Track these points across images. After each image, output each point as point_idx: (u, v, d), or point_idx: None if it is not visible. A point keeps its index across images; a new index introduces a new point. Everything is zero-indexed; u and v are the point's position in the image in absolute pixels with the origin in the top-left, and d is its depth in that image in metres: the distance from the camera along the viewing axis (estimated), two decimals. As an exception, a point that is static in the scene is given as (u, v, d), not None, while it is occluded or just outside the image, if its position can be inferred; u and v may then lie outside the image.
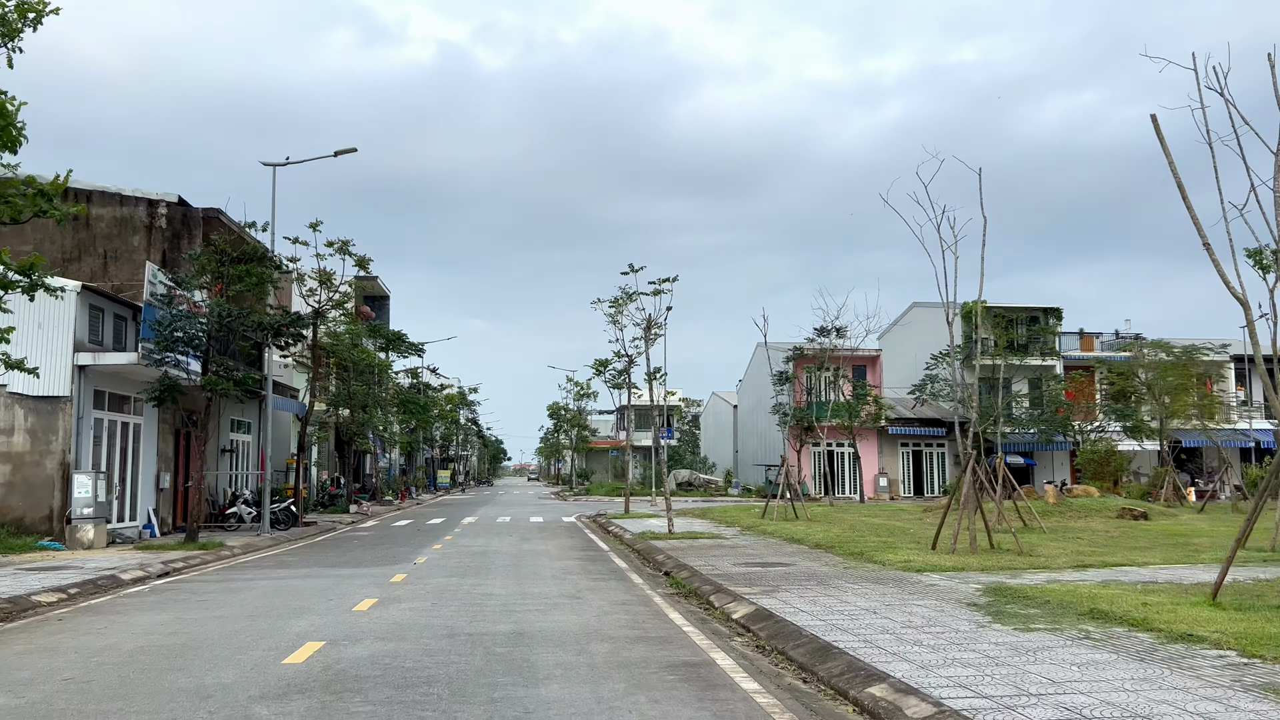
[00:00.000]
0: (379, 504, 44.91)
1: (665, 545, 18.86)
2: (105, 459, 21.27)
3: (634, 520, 28.08)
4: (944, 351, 52.61)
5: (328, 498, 39.35)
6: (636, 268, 22.04)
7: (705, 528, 24.04)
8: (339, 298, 28.92)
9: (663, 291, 21.63)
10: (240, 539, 22.74)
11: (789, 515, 26.94)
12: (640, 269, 22.00)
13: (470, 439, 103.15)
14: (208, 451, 27.77)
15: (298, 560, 17.92)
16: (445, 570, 15.44)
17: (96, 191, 24.60)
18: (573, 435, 70.76)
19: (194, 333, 19.58)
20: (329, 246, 28.21)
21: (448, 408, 72.04)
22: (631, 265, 21.98)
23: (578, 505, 45.21)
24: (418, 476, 61.45)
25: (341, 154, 25.61)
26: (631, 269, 22.00)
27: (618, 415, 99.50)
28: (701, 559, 15.88)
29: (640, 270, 21.99)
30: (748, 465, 61.86)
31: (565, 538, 23.47)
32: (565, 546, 20.69)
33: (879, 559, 14.92)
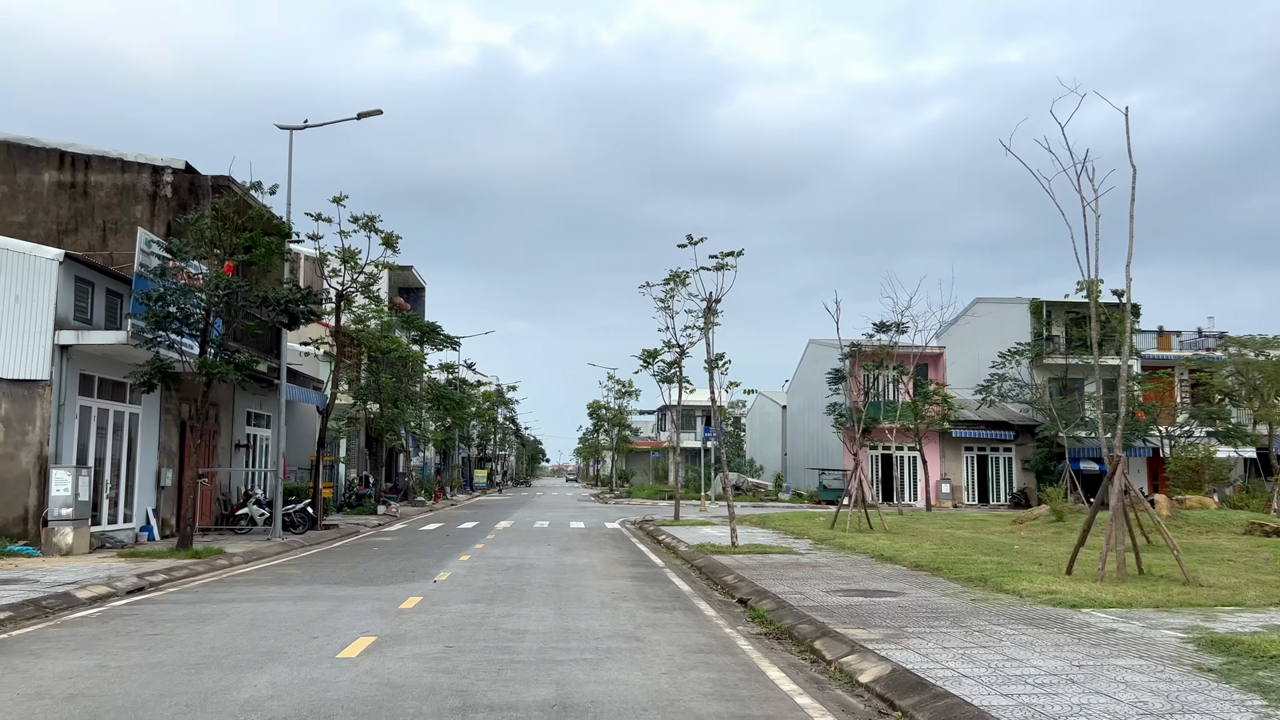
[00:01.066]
0: (410, 505, 42.43)
1: (731, 562, 15.95)
2: (94, 452, 18.81)
3: (686, 528, 25.18)
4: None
5: (355, 498, 36.90)
6: (695, 239, 19.15)
7: (770, 539, 21.07)
8: (365, 279, 26.34)
9: (726, 266, 18.72)
10: (246, 544, 20.19)
11: (862, 526, 23.87)
12: (700, 240, 19.12)
13: (508, 438, 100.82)
14: (219, 446, 25.36)
15: (300, 574, 15.25)
16: (469, 592, 12.65)
17: (95, 156, 22.22)
18: (613, 435, 67.99)
19: (189, 308, 17.01)
20: (353, 223, 25.67)
21: (485, 405, 69.59)
22: (690, 237, 19.13)
23: (620, 509, 42.39)
24: (453, 476, 59.02)
25: (365, 116, 23.02)
26: (690, 241, 19.10)
27: (659, 415, 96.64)
28: (782, 582, 12.95)
29: (700, 243, 19.11)
30: (798, 469, 58.63)
31: (611, 548, 20.63)
32: (612, 560, 17.85)
33: (1010, 588, 11.88)
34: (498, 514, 36.53)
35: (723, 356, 19.36)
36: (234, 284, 17.02)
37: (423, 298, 54.46)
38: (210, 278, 17.15)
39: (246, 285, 17.44)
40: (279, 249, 18.43)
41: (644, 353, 27.81)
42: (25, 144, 22.06)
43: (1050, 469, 48.75)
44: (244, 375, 17.93)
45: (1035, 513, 25.85)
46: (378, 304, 26.60)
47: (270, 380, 24.43)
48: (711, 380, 19.22)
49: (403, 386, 37.56)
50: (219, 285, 16.98)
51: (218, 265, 17.50)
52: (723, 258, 18.81)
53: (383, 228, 25.92)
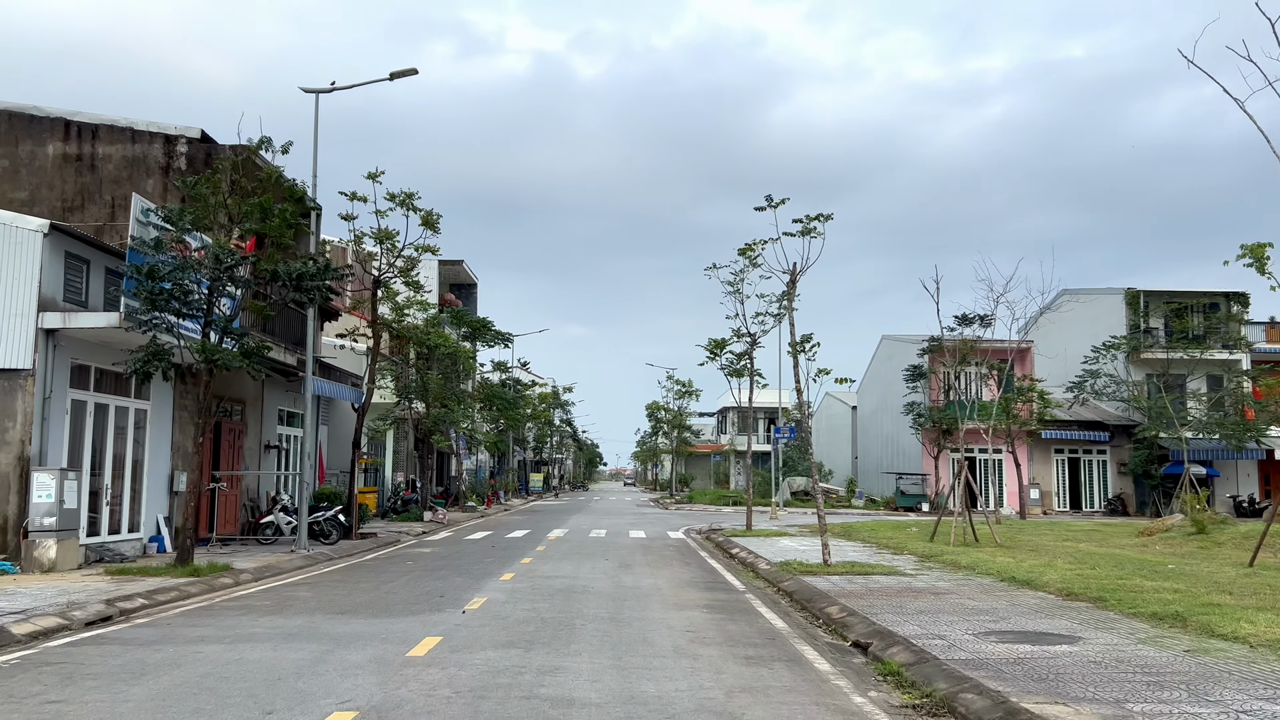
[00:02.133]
0: (460, 510, 40.06)
1: (828, 586, 13.02)
2: (90, 453, 16.52)
3: (760, 540, 22.23)
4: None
5: (400, 503, 34.59)
6: (775, 201, 16.21)
7: (864, 555, 18.05)
8: (404, 263, 23.88)
9: (812, 231, 15.78)
10: (265, 557, 17.78)
11: (966, 537, 20.70)
12: (781, 202, 16.17)
13: (565, 442, 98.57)
14: (246, 447, 23.10)
15: (308, 597, 12.68)
16: (503, 629, 9.90)
17: (104, 126, 20.08)
18: (673, 438, 65.11)
19: (188, 285, 14.58)
20: (389, 200, 23.24)
21: (540, 406, 67.24)
22: (769, 198, 16.18)
23: (682, 516, 39.48)
24: (507, 480, 56.68)
25: (398, 76, 20.52)
26: (770, 203, 16.16)
27: (719, 417, 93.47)
28: (906, 618, 10.01)
29: (781, 204, 16.17)
30: (871, 473, 55.18)
31: (678, 564, 17.79)
32: (681, 581, 15.00)
33: (1227, 631, 8.79)
34: (551, 521, 33.90)
35: (810, 339, 16.40)
36: (234, 255, 14.55)
37: (474, 294, 52.22)
38: (211, 249, 14.70)
39: (254, 257, 14.96)
40: (295, 218, 15.94)
41: (710, 343, 24.92)
42: (28, 113, 20.00)
43: (1150, 473, 44.71)
44: (255, 364, 15.47)
45: (1167, 523, 22.40)
46: (418, 290, 24.12)
47: (295, 373, 22.07)
48: (796, 366, 16.27)
49: (451, 385, 35.14)
50: (219, 257, 14.52)
51: (223, 236, 15.06)
52: (809, 222, 15.87)
53: (421, 205, 23.44)
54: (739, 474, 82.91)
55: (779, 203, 16.18)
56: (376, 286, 23.93)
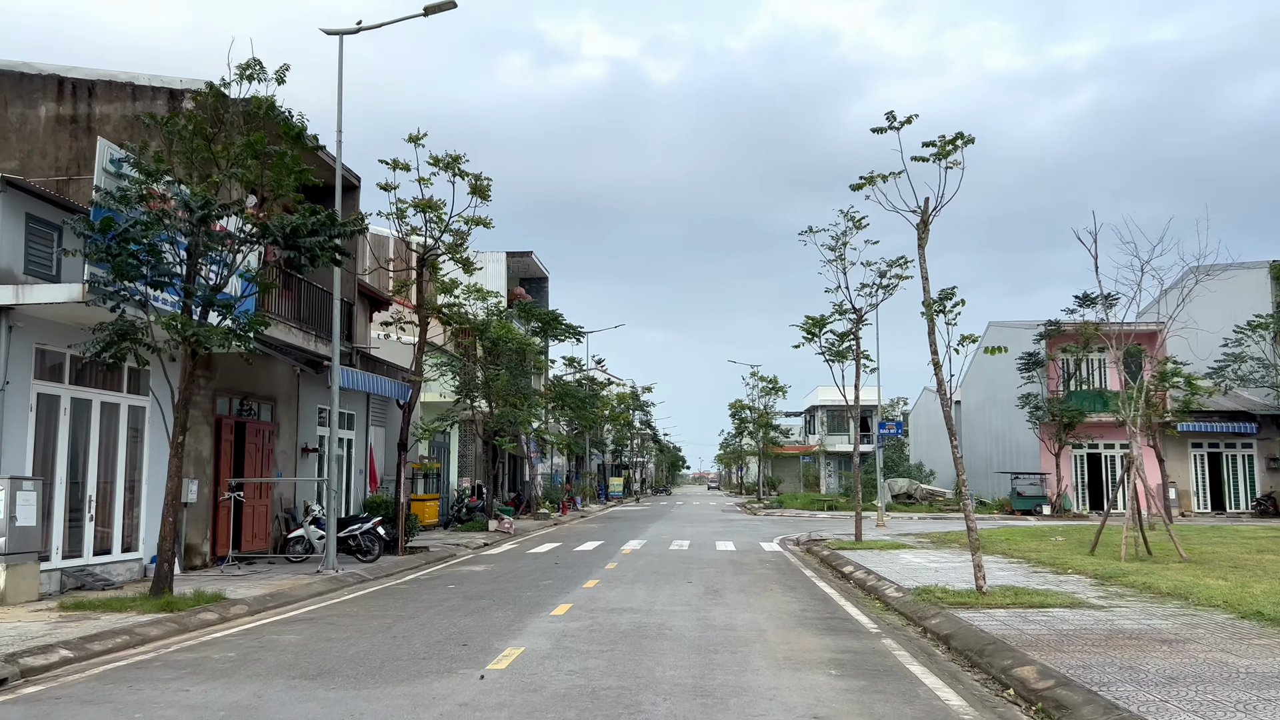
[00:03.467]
0: (533, 518, 37.04)
1: (999, 628, 9.33)
2: (66, 459, 13.74)
3: (874, 554, 18.48)
4: None
5: (465, 511, 31.69)
6: (898, 121, 12.52)
7: (1019, 575, 14.21)
8: (452, 239, 20.78)
9: (949, 154, 12.08)
10: (282, 580, 14.82)
11: (1138, 549, 16.63)
12: (906, 121, 12.46)
13: (646, 445, 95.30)
14: (278, 451, 20.31)
15: (281, 651, 9.49)
16: (532, 712, 6.51)
17: (100, 82, 17.46)
18: (759, 438, 61.24)
19: (157, 243, 11.57)
20: (433, 165, 20.19)
21: (619, 408, 64.09)
22: (891, 116, 12.49)
23: (773, 523, 35.71)
24: (583, 485, 53.57)
25: (433, 11, 17.43)
26: (892, 122, 12.47)
27: (806, 417, 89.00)
28: (1157, 694, 6.31)
29: (906, 124, 12.47)
30: (979, 473, 50.41)
31: (780, 589, 14.19)
32: (789, 616, 11.43)
33: None
34: (628, 530, 30.53)
35: (951, 295, 12.64)
36: (209, 200, 11.49)
37: (545, 288, 49.35)
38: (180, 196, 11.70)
39: (237, 205, 11.88)
40: (298, 165, 12.87)
41: (807, 321, 21.22)
42: (17, 71, 17.48)
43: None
44: (249, 346, 12.41)
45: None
46: (468, 269, 21.02)
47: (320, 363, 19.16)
48: (931, 332, 12.52)
49: (517, 383, 32.10)
50: (189, 205, 11.49)
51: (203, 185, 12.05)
52: (944, 146, 12.15)
53: (469, 168, 20.32)
54: (830, 476, 78.50)
55: (904, 122, 12.48)
56: (421, 265, 20.91)
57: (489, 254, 44.04)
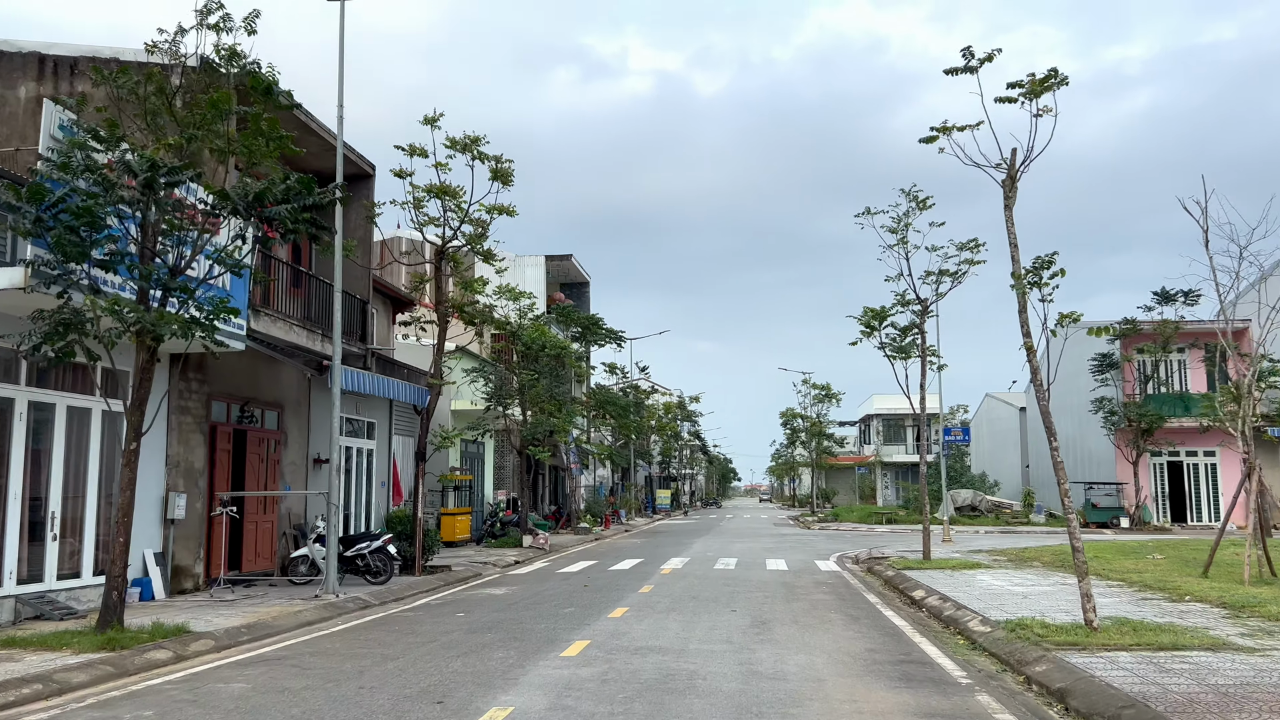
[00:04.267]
0: (573, 532, 35.15)
1: (1133, 683, 7.16)
2: (26, 469, 12.12)
3: (948, 575, 16.22)
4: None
5: (498, 525, 29.89)
6: (977, 58, 10.42)
7: (1129, 604, 11.93)
8: (474, 231, 18.99)
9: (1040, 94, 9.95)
10: (271, 607, 13.07)
11: (1260, 570, 14.19)
12: (988, 58, 10.36)
13: (695, 456, 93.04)
14: (286, 462, 18.66)
15: (212, 713, 7.63)
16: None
17: (84, 58, 15.98)
18: (811, 448, 58.74)
19: (100, 216, 9.86)
20: (449, 147, 18.47)
21: (665, 417, 62.05)
22: (968, 52, 10.39)
23: (829, 538, 33.37)
24: (627, 498, 51.55)
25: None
26: (969, 60, 10.38)
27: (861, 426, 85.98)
28: None
29: (987, 61, 10.36)
30: (1047, 483, 47.44)
31: (841, 621, 12.05)
32: (854, 660, 9.32)
33: None
34: (671, 546, 28.45)
35: (1049, 264, 10.44)
36: (160, 164, 9.75)
37: (586, 293, 47.56)
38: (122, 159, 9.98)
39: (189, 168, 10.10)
40: (276, 131, 11.13)
41: (866, 313, 19.02)
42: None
43: None
44: (211, 336, 10.64)
45: None
46: (490, 260, 19.23)
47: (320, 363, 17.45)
48: (1023, 310, 10.34)
49: (552, 389, 30.28)
50: (130, 167, 9.76)
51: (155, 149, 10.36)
52: (1035, 85, 10.00)
53: (488, 150, 18.56)
54: (886, 488, 75.53)
55: (984, 59, 10.37)
56: (440, 258, 19.16)
57: (528, 258, 42.43)
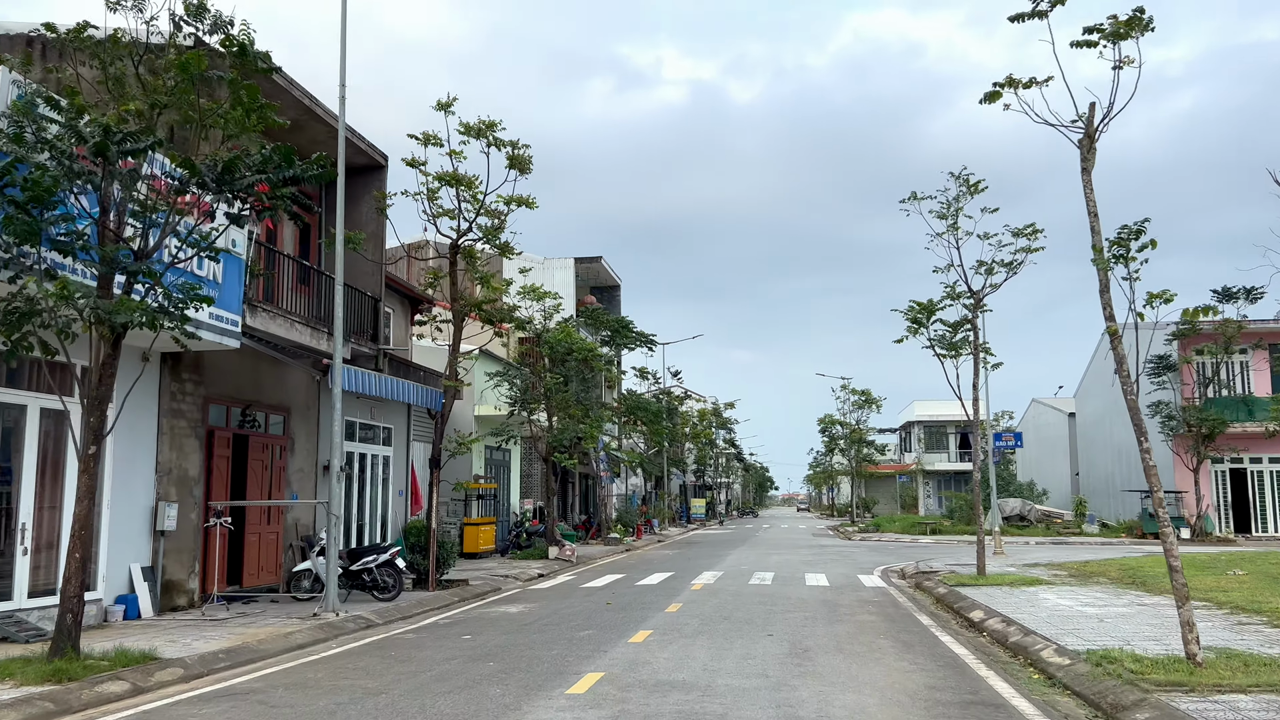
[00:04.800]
0: (602, 543, 33.87)
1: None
2: (-9, 476, 11.09)
3: (1007, 593, 14.71)
4: None
5: (524, 536, 28.69)
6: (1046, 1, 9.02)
7: (1218, 630, 10.39)
8: (491, 224, 17.81)
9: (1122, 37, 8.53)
10: (264, 626, 11.93)
11: (1368, 593, 12.54)
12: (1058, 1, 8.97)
13: (731, 464, 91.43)
14: (292, 469, 17.58)
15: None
16: None
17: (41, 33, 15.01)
18: (851, 455, 57.00)
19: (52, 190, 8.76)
20: (463, 132, 17.32)
21: (700, 424, 60.59)
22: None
23: (871, 550, 31.79)
24: (661, 507, 50.16)
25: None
26: (1038, 3, 9.00)
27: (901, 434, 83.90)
28: None
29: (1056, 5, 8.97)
30: (1099, 491, 45.41)
31: (893, 649, 10.62)
32: (912, 700, 7.92)
33: None
34: (705, 558, 27.05)
35: (1141, 233, 8.96)
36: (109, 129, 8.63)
37: (617, 297, 46.37)
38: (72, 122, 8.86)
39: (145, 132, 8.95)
40: (254, 100, 9.99)
41: (913, 308, 17.55)
42: (-17, 32, 15.18)
43: None
44: (180, 326, 9.47)
45: None
46: (506, 253, 18.05)
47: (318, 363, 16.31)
48: (1104, 289, 8.89)
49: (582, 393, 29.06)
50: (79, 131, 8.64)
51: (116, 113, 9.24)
52: (1119, 27, 8.59)
53: (505, 136, 17.39)
54: (928, 497, 73.44)
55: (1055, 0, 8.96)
56: (455, 253, 17.99)
57: (556, 260, 41.34)
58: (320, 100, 16.27)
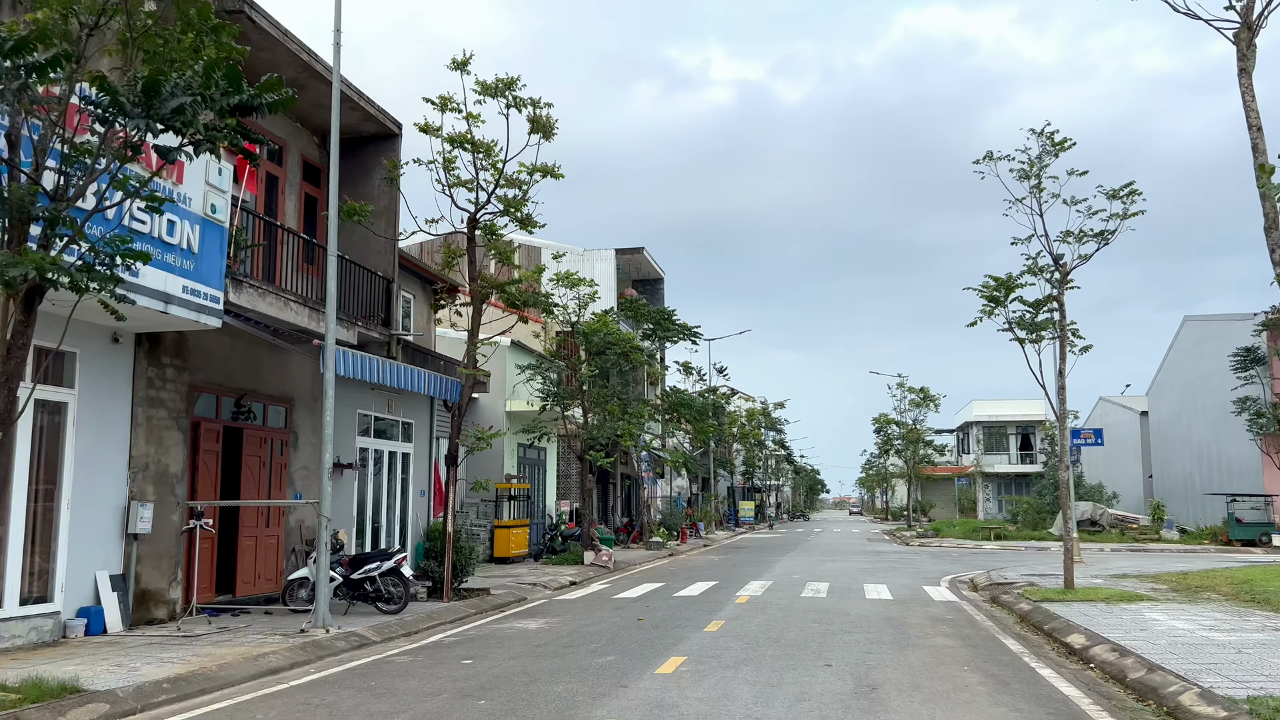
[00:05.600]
0: (644, 546, 32.02)
1: None
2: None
3: (1101, 608, 12.56)
4: None
5: (558, 540, 26.96)
6: None
7: None
8: (513, 195, 16.05)
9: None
10: (226, 650, 10.27)
11: None
12: None
13: (780, 466, 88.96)
14: (295, 465, 15.98)
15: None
16: None
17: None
18: (908, 456, 54.45)
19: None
20: (481, 92, 15.59)
21: (748, 424, 58.46)
22: None
23: (934, 557, 29.53)
24: (706, 509, 48.12)
25: None
26: None
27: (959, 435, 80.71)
28: None
29: None
30: (1176, 494, 42.44)
31: (982, 688, 8.58)
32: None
33: None
34: (752, 565, 25.05)
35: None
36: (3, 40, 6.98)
37: (660, 290, 44.48)
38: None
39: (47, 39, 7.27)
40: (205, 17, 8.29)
41: (988, 283, 15.42)
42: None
43: None
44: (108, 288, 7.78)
45: None
46: (529, 227, 16.29)
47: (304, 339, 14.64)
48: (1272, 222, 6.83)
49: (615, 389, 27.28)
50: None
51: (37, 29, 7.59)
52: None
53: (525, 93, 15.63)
54: (988, 500, 70.45)
55: None
56: (473, 228, 16.26)
57: (596, 252, 39.63)
58: (320, 55, 14.64)
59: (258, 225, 13.64)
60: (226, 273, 12.24)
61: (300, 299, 14.60)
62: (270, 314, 13.51)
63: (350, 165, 17.56)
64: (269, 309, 13.37)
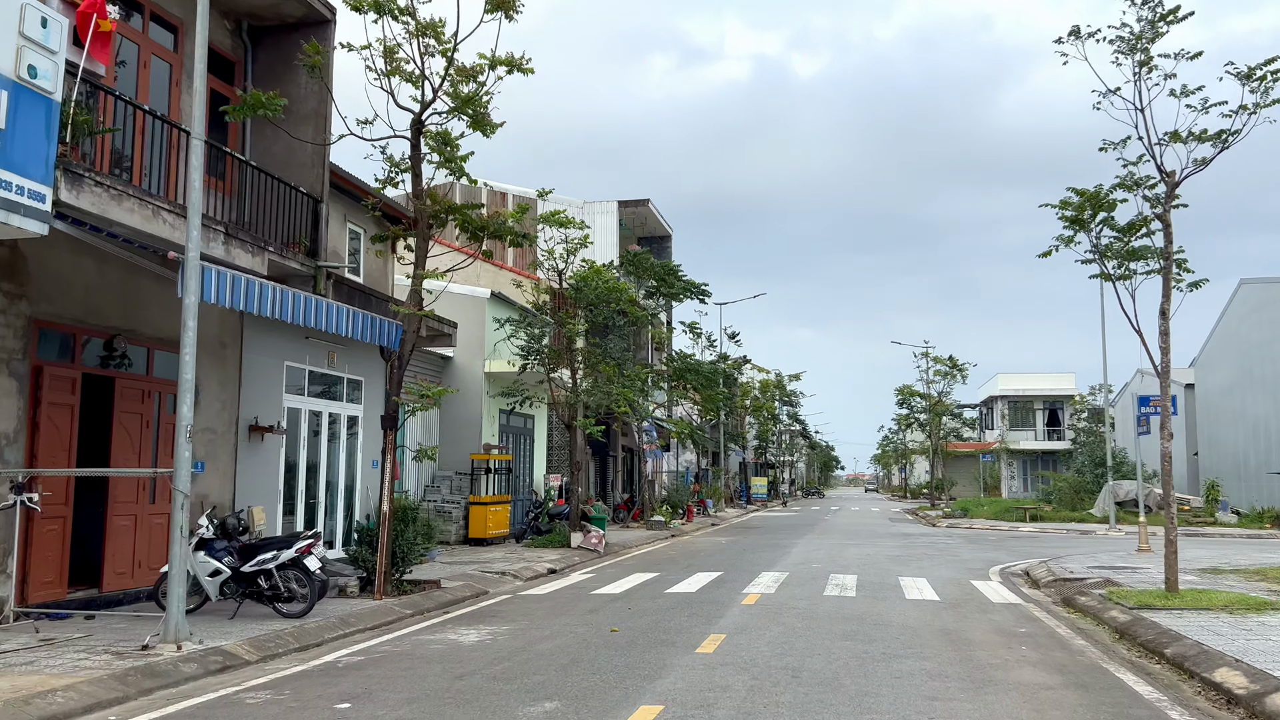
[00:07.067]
0: (645, 525, 28.85)
1: None
2: None
3: (1225, 619, 9.26)
4: None
5: (544, 518, 23.84)
6: None
7: None
8: (456, 76, 12.66)
9: None
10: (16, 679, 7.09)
11: None
12: None
13: (795, 441, 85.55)
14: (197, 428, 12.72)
15: None
16: None
17: None
18: (933, 430, 51.04)
19: None
20: (422, -45, 12.19)
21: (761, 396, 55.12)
22: None
23: (966, 540, 26.24)
24: (714, 486, 44.89)
25: None
26: None
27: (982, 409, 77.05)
28: None
29: None
30: (1227, 474, 38.91)
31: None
32: None
33: None
34: (764, 550, 21.80)
35: None
36: None
37: (668, 248, 41.09)
38: None
39: None
40: None
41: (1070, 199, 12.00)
42: None
43: None
44: None
45: None
46: (489, 131, 13.00)
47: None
48: None
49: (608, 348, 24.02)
50: None
51: None
52: None
53: None
54: (1012, 478, 67.06)
55: None
56: (417, 133, 12.93)
57: (598, 204, 36.29)
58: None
59: (110, 105, 10.32)
60: (58, 164, 9.01)
61: (231, 231, 11.35)
62: (134, 225, 10.20)
63: (272, 58, 14.28)
64: (125, 217, 10.04)
